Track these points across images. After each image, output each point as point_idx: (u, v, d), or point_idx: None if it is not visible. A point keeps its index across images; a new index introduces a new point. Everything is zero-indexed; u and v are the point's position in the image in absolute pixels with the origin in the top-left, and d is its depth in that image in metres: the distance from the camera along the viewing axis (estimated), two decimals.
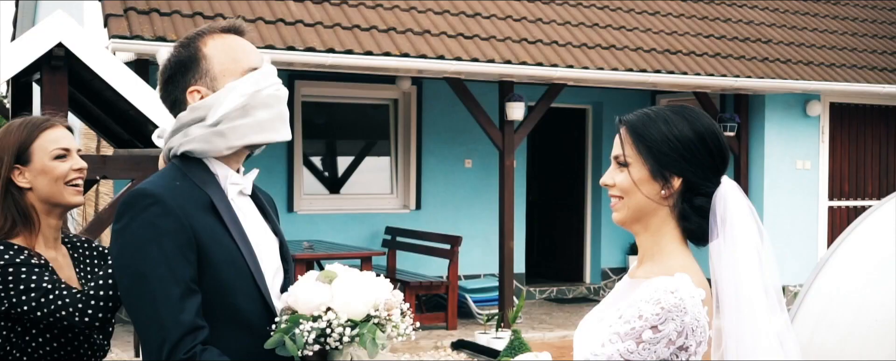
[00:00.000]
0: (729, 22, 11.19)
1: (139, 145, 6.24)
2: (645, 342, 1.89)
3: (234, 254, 2.06)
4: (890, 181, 11.65)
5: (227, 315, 2.04)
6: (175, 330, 1.93)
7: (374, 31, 8.78)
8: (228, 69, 2.13)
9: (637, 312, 1.91)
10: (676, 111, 2.05)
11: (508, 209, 9.54)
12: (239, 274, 2.06)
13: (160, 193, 2.02)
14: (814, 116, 11.12)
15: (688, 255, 2.03)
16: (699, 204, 2.01)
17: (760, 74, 10.24)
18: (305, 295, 2.04)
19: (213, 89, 2.12)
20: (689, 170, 2.00)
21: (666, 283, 1.92)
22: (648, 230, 2.05)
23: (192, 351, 1.93)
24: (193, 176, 2.10)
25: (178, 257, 1.98)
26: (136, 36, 7.67)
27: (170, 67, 2.15)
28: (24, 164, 2.51)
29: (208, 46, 2.13)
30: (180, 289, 1.96)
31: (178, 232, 1.99)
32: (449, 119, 10.92)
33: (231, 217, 2.10)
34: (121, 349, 8.31)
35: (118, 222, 2.03)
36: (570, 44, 9.65)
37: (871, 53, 11.59)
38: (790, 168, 11.03)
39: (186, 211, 2.02)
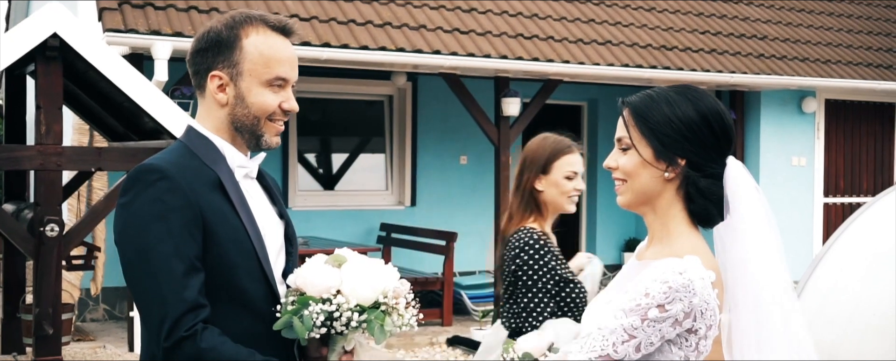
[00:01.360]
0: (725, 18, 11.19)
1: (134, 138, 6.21)
2: (650, 319, 1.86)
3: (240, 234, 2.05)
4: (885, 177, 11.66)
5: (229, 294, 2.03)
6: (177, 307, 1.92)
7: (370, 25, 8.75)
8: (257, 71, 2.10)
9: (644, 290, 1.88)
10: (679, 92, 2.02)
11: (504, 205, 9.50)
12: (243, 254, 2.04)
13: (168, 169, 2.00)
14: (809, 113, 11.12)
15: (697, 237, 2.01)
16: (704, 186, 1.99)
17: (756, 70, 10.23)
18: (315, 278, 2.03)
19: (235, 83, 2.10)
20: (692, 151, 1.98)
21: (675, 264, 1.89)
22: (656, 212, 2.03)
23: (192, 329, 1.92)
24: (202, 154, 2.09)
25: (184, 234, 1.96)
26: (130, 30, 7.62)
27: (206, 40, 2.13)
28: (545, 174, 3.36)
29: (249, 38, 2.10)
30: (184, 267, 1.94)
31: (185, 208, 1.98)
32: (444, 115, 10.89)
33: (238, 196, 2.09)
34: (115, 345, 8.27)
35: (124, 196, 2.00)
36: (566, 39, 9.63)
37: (867, 50, 11.60)
38: (786, 164, 11.03)
39: (194, 188, 2.01)
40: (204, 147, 2.11)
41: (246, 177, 2.16)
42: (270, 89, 2.12)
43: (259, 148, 2.15)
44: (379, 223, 10.55)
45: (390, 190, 11.03)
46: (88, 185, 8.88)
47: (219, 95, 2.12)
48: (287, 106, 2.14)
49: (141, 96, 5.22)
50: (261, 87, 2.11)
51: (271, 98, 2.12)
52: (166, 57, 7.69)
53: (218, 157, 2.10)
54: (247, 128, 2.13)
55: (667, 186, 2.00)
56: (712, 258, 1.98)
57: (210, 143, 2.12)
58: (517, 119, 9.58)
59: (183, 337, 1.91)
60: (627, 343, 1.87)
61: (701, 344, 1.93)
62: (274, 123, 2.14)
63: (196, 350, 1.91)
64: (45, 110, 5.19)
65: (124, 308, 9.37)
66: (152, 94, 5.27)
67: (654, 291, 1.87)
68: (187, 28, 7.89)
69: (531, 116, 9.71)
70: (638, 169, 2.00)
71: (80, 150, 5.87)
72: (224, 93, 2.12)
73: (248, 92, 2.10)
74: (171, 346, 1.92)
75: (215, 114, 2.14)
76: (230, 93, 2.11)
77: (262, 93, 2.11)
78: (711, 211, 2.01)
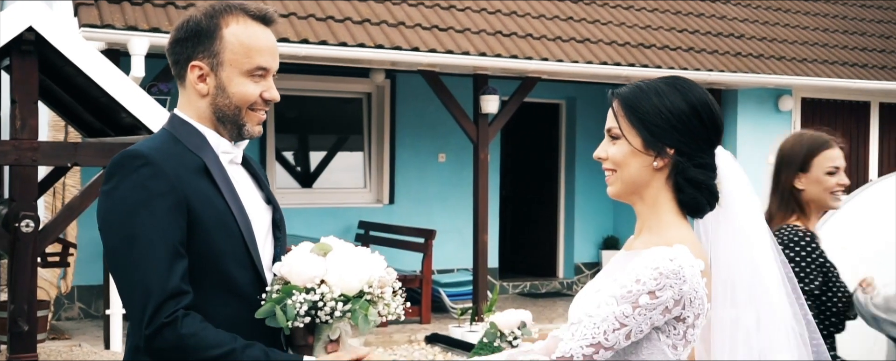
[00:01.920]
0: (702, 17, 11.23)
1: (111, 134, 6.14)
2: (641, 307, 1.86)
3: (227, 218, 2.05)
4: (860, 176, 11.75)
5: (215, 280, 2.03)
6: (159, 294, 1.91)
7: (349, 22, 8.72)
8: (237, 61, 2.09)
9: (635, 276, 1.88)
10: (669, 83, 2.03)
11: (483, 203, 9.51)
12: (230, 239, 2.04)
13: (151, 155, 1.99)
14: (786, 111, 11.19)
15: (686, 227, 2.01)
16: (693, 176, 1.99)
17: (733, 69, 10.28)
18: (299, 267, 2.02)
19: (216, 73, 2.10)
20: (681, 141, 1.98)
21: (665, 252, 1.89)
22: (645, 202, 2.03)
23: (173, 315, 1.92)
24: (186, 140, 2.09)
25: (168, 220, 1.95)
26: (106, 25, 7.55)
27: (185, 29, 2.11)
28: (804, 172, 3.26)
29: (229, 28, 2.09)
30: (167, 254, 1.94)
31: (169, 194, 1.97)
32: (422, 113, 10.87)
33: (225, 181, 2.09)
34: (91, 344, 8.18)
35: (108, 183, 2.00)
36: (545, 37, 9.63)
37: (842, 49, 11.68)
38: (762, 162, 11.05)
39: (178, 173, 2.00)
40: (188, 133, 2.10)
41: (231, 163, 2.16)
42: (251, 79, 2.11)
43: (241, 137, 2.15)
44: (357, 221, 10.52)
45: (369, 187, 10.99)
46: (63, 183, 8.79)
47: (199, 85, 2.11)
48: (268, 95, 2.13)
49: (118, 91, 5.17)
50: (241, 77, 2.10)
51: (252, 88, 2.11)
52: (143, 53, 7.62)
53: (202, 143, 2.10)
54: (228, 117, 2.12)
55: (656, 176, 2.00)
56: (701, 248, 1.99)
57: (194, 130, 2.12)
58: (496, 117, 9.58)
59: (163, 324, 1.91)
60: (618, 331, 1.87)
61: (689, 333, 1.93)
62: (256, 113, 2.14)
63: (176, 337, 1.91)
64: (20, 105, 5.13)
65: (100, 306, 9.28)
66: (130, 89, 5.21)
67: (645, 277, 1.86)
68: (164, 23, 7.82)
69: (510, 114, 9.71)
70: (627, 158, 2.00)
71: (56, 146, 5.81)
72: (204, 84, 2.11)
73: (229, 82, 2.10)
74: (151, 333, 1.92)
75: (196, 103, 2.13)
76: (210, 83, 2.11)
77: (242, 83, 2.10)
78: (700, 201, 2.01)
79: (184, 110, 2.15)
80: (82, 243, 9.04)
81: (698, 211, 2.02)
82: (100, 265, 8.51)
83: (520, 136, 12.54)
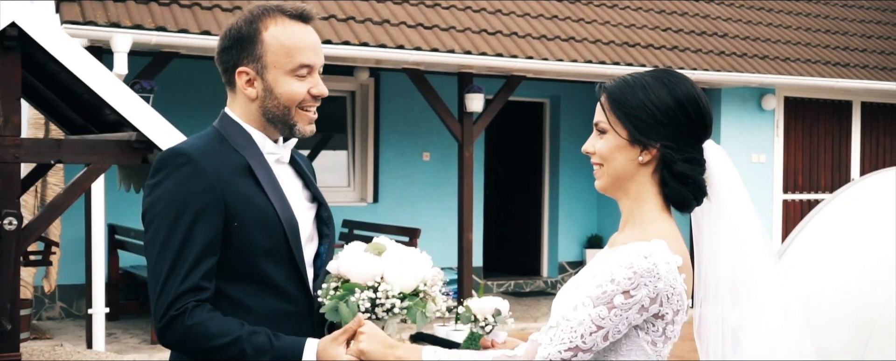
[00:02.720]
0: (686, 16, 11.26)
1: (94, 131, 6.08)
2: (617, 308, 1.85)
3: (269, 217, 2.11)
4: (842, 174, 11.82)
5: (251, 275, 2.10)
6: (176, 289, 1.99)
7: (333, 20, 8.68)
8: (280, 62, 2.14)
9: (609, 275, 1.87)
10: (657, 76, 2.01)
11: (467, 201, 9.50)
12: (270, 237, 2.11)
13: (194, 154, 2.08)
14: (769, 110, 11.23)
15: (668, 221, 2.00)
16: (679, 171, 1.98)
17: (717, 68, 10.32)
18: (359, 266, 2.10)
19: (262, 76, 2.15)
20: (668, 136, 1.97)
21: (640, 248, 1.89)
22: (629, 196, 2.02)
23: (183, 308, 1.99)
24: (232, 139, 2.16)
25: (202, 219, 2.03)
26: (89, 22, 7.49)
27: (228, 38, 2.18)
28: None
29: (268, 31, 2.14)
30: (195, 251, 2.02)
31: (207, 193, 2.05)
32: (407, 111, 10.85)
33: (269, 180, 2.15)
34: (73, 343, 8.12)
35: (153, 177, 2.08)
36: (530, 35, 9.63)
37: (825, 48, 11.75)
38: (746, 161, 11.13)
39: (219, 172, 2.08)
40: (235, 133, 2.18)
41: (278, 163, 2.22)
42: (296, 78, 2.15)
43: (293, 136, 2.20)
44: (341, 219, 10.48)
45: (352, 186, 10.96)
46: (43, 181, 8.72)
47: (248, 90, 2.16)
48: (316, 91, 2.18)
49: (102, 88, 5.11)
50: (287, 77, 2.14)
51: (299, 86, 2.15)
52: (126, 49, 7.57)
53: (248, 143, 2.17)
54: (279, 118, 2.17)
55: (641, 170, 1.99)
56: (681, 243, 1.97)
57: (241, 130, 2.18)
58: (480, 115, 9.57)
59: (173, 316, 1.99)
60: (596, 334, 1.86)
61: (668, 330, 1.92)
62: (306, 111, 2.18)
63: (184, 328, 1.99)
64: (2, 101, 5.07)
65: (82, 306, 9.21)
66: (114, 86, 5.15)
67: (620, 276, 1.86)
68: (147, 20, 7.77)
69: (494, 112, 9.70)
70: (613, 152, 2.00)
71: (38, 142, 5.75)
72: (253, 88, 2.16)
73: (275, 83, 2.14)
74: (163, 326, 2.00)
75: (247, 107, 2.19)
76: (258, 86, 2.16)
77: (288, 83, 2.15)
78: (686, 196, 1.99)
79: (234, 111, 2.21)
80: (64, 242, 8.97)
81: (684, 205, 2.01)
82: (82, 264, 8.44)
83: (504, 135, 12.54)
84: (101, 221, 7.88)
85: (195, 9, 8.19)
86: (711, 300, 2.01)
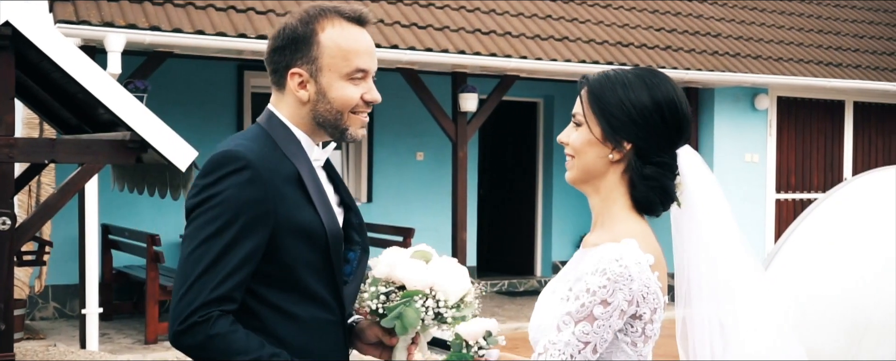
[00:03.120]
0: (679, 16, 11.28)
1: (88, 130, 6.08)
2: (599, 319, 1.83)
3: (314, 228, 2.05)
4: (835, 174, 11.85)
5: (293, 285, 2.04)
6: (205, 296, 1.92)
7: None
8: (336, 65, 2.07)
9: (585, 286, 1.85)
10: (639, 75, 1.99)
11: (461, 201, 9.50)
12: (312, 249, 2.05)
13: (253, 159, 1.99)
14: (762, 110, 11.26)
15: (638, 221, 1.98)
16: (648, 174, 1.96)
17: (711, 68, 10.34)
18: (415, 273, 2.08)
19: (316, 79, 2.08)
20: (640, 136, 1.95)
21: (611, 251, 1.87)
22: (599, 193, 2.01)
23: (208, 315, 1.92)
24: (282, 144, 2.08)
25: (249, 230, 1.96)
26: (82, 21, 7.48)
27: (282, 37, 2.09)
28: None
29: (325, 32, 2.07)
30: (235, 262, 1.95)
31: (259, 202, 1.97)
32: (400, 111, 10.85)
33: (317, 190, 2.08)
34: (66, 343, 8.11)
35: (205, 177, 2.00)
36: (524, 35, 9.64)
37: (818, 48, 11.78)
38: (739, 161, 11.16)
39: (273, 181, 2.01)
40: (284, 138, 2.10)
41: (317, 167, 2.17)
42: (351, 82, 2.09)
43: (343, 140, 2.14)
44: None
45: (346, 185, 10.96)
46: (37, 181, 8.70)
47: (300, 93, 2.09)
48: (369, 97, 2.12)
49: (97, 87, 5.10)
50: (342, 81, 2.08)
51: (352, 91, 2.09)
52: (119, 49, 7.56)
53: (297, 150, 2.10)
54: (330, 122, 2.11)
55: (611, 168, 1.98)
56: (652, 240, 1.95)
57: (291, 134, 2.11)
58: (474, 115, 9.57)
59: (196, 322, 1.92)
60: (585, 350, 1.85)
61: (648, 329, 1.91)
62: (358, 116, 2.12)
63: (205, 337, 1.92)
64: None
65: (75, 306, 9.20)
66: (108, 85, 5.15)
67: (595, 285, 1.84)
68: (141, 20, 7.76)
69: (488, 112, 9.71)
70: (585, 146, 1.98)
71: (32, 142, 5.74)
72: (305, 90, 2.09)
73: (329, 87, 2.08)
74: (183, 329, 1.92)
75: (297, 110, 2.11)
76: (311, 89, 2.09)
77: (343, 87, 2.08)
78: (653, 200, 1.98)
79: (282, 112, 2.13)
80: (57, 242, 8.95)
81: (651, 209, 1.99)
82: (75, 264, 8.43)
83: (498, 134, 12.55)
84: (95, 221, 7.87)
85: (189, 8, 8.19)
86: (691, 302, 2.00)
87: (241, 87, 10.32)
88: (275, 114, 2.14)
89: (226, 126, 10.25)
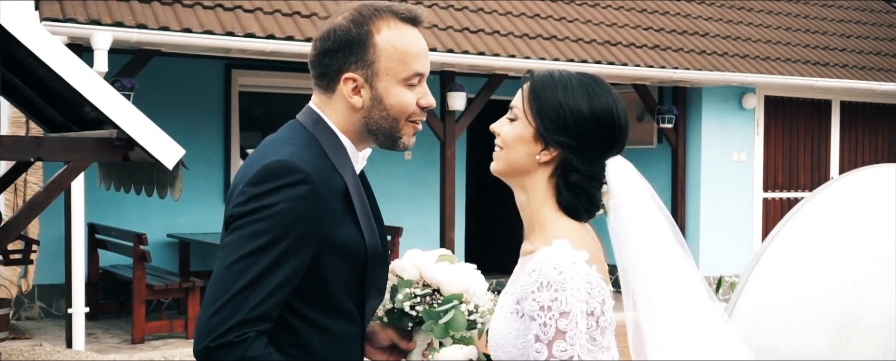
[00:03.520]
0: (667, 15, 11.30)
1: (74, 128, 6.05)
2: (568, 331, 1.80)
3: (357, 248, 1.94)
4: (821, 173, 11.89)
5: (326, 302, 1.94)
6: (244, 314, 1.79)
7: (315, 18, 8.66)
8: (393, 69, 1.95)
9: (536, 305, 1.81)
10: (583, 81, 1.96)
11: (449, 200, 9.50)
12: (351, 268, 1.94)
13: (311, 174, 1.85)
14: (749, 109, 11.29)
15: (569, 221, 1.95)
16: (573, 180, 1.94)
17: (698, 67, 10.36)
18: (450, 277, 2.04)
19: (371, 84, 1.95)
20: (571, 143, 1.92)
21: (545, 260, 1.83)
22: (525, 191, 1.99)
23: (244, 336, 1.80)
24: (332, 156, 1.95)
25: (298, 248, 1.83)
26: (69, 19, 7.44)
27: (334, 40, 1.95)
28: None
29: (381, 34, 1.95)
30: (279, 280, 1.82)
31: (311, 220, 1.84)
32: None
33: (362, 206, 1.96)
34: (52, 343, 8.07)
35: (258, 185, 1.84)
36: (512, 34, 9.64)
37: (805, 48, 11.82)
38: (726, 160, 11.18)
39: (328, 199, 1.88)
40: (334, 147, 1.96)
41: None
42: (408, 87, 1.97)
43: (395, 149, 2.02)
44: None
45: None
46: (24, 180, 8.66)
47: (354, 99, 1.96)
48: (424, 102, 2.01)
49: (83, 85, 5.08)
50: (399, 86, 1.96)
51: (410, 96, 1.98)
52: (106, 47, 7.52)
53: (344, 159, 1.96)
54: (384, 130, 1.99)
55: (539, 169, 1.96)
56: (585, 237, 1.93)
57: (339, 143, 1.97)
58: (463, 113, 9.57)
59: (232, 342, 1.80)
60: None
61: (601, 320, 1.86)
62: (414, 124, 2.02)
63: (239, 357, 1.80)
64: None
65: (61, 305, 9.15)
66: (95, 83, 5.12)
67: (546, 301, 1.81)
68: (128, 17, 7.72)
69: (476, 111, 9.71)
70: (516, 142, 1.96)
71: (18, 140, 5.70)
72: (359, 96, 1.96)
73: (386, 93, 1.96)
74: (216, 346, 1.80)
75: (348, 116, 1.98)
76: (366, 95, 1.96)
77: (401, 93, 1.97)
78: (578, 207, 1.96)
79: (330, 118, 1.99)
80: (44, 241, 8.91)
81: (577, 215, 1.97)
82: (61, 263, 8.39)
83: (485, 134, 12.52)
84: (82, 220, 7.83)
85: (176, 6, 8.15)
86: (636, 306, 1.99)
87: (229, 86, 10.29)
88: (322, 118, 1.99)
89: (213, 124, 10.22)
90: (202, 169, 9.99)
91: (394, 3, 2.02)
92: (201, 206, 10.16)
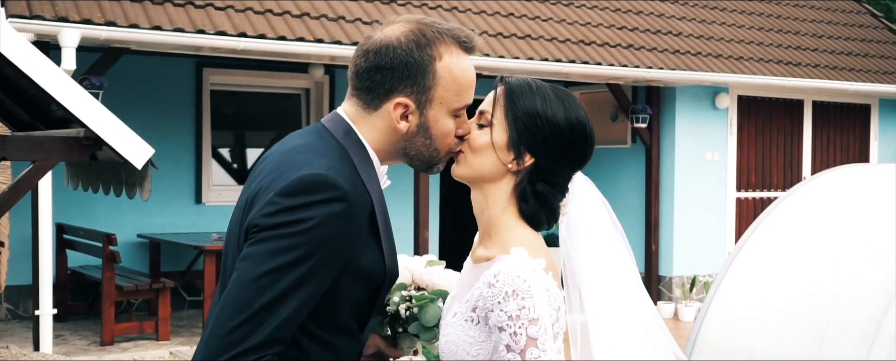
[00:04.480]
0: (641, 14, 11.32)
1: (41, 127, 5.95)
2: (539, 337, 1.80)
3: (376, 271, 1.87)
4: (794, 172, 11.95)
5: (333, 320, 1.86)
6: (264, 336, 1.70)
7: (288, 16, 8.59)
8: (447, 99, 1.88)
9: (504, 315, 1.81)
10: (558, 94, 1.97)
11: (423, 200, 9.46)
12: (366, 290, 1.87)
13: (348, 191, 1.76)
14: (722, 108, 11.32)
15: (526, 229, 1.96)
16: (540, 190, 1.94)
17: (672, 66, 10.37)
18: (442, 279, 2.08)
19: (422, 111, 1.87)
20: (544, 153, 1.93)
21: (507, 269, 1.83)
22: (485, 195, 1.97)
23: (261, 359, 1.71)
24: (362, 173, 1.85)
25: (323, 266, 1.74)
26: (36, 16, 7.32)
27: (391, 58, 1.85)
28: None
29: (443, 61, 1.87)
30: (300, 300, 1.73)
31: (341, 240, 1.76)
32: None
33: (386, 228, 1.89)
34: (19, 345, 7.95)
35: (291, 197, 1.74)
36: (486, 33, 9.61)
37: (777, 47, 11.87)
38: (700, 159, 11.21)
39: (359, 220, 1.80)
40: (362, 161, 1.87)
41: None
42: (454, 117, 1.91)
43: (427, 173, 1.97)
44: None
45: None
46: None
47: (400, 124, 1.87)
48: (462, 131, 1.94)
49: (50, 83, 4.98)
50: (447, 117, 1.89)
51: (452, 127, 1.91)
52: (74, 45, 7.41)
53: (372, 176, 1.88)
54: (423, 158, 1.93)
55: (506, 177, 1.95)
56: (541, 247, 1.94)
57: (368, 158, 1.88)
58: None
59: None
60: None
61: (556, 326, 1.88)
62: (452, 154, 1.96)
63: None
64: None
65: (28, 307, 9.02)
66: (62, 81, 5.03)
67: (515, 310, 1.81)
68: (96, 15, 7.62)
69: None
70: (486, 148, 1.93)
71: None
72: (406, 122, 1.88)
73: (435, 121, 1.89)
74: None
75: (387, 137, 1.89)
76: (413, 121, 1.88)
77: (447, 123, 1.90)
78: (540, 217, 1.96)
79: (364, 134, 1.90)
80: (11, 241, 8.78)
81: (537, 225, 1.97)
82: (29, 264, 8.27)
83: None
84: (49, 220, 7.72)
85: (146, 3, 8.05)
86: (580, 309, 2.01)
87: (200, 84, 10.19)
88: (354, 131, 1.89)
89: (184, 123, 10.12)
90: (172, 168, 9.90)
91: (455, 28, 1.94)
92: (172, 206, 10.06)
